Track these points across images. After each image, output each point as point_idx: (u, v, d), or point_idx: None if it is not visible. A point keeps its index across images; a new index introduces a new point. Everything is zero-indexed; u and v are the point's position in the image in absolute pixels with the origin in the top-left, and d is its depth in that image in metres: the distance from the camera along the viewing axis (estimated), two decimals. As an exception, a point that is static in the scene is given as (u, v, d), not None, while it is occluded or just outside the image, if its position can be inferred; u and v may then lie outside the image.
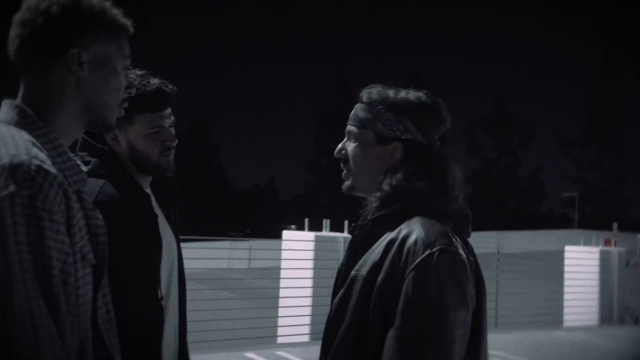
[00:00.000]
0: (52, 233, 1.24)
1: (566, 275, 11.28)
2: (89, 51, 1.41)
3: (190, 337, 2.30)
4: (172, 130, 2.13)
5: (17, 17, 1.41)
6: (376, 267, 1.59)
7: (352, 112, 1.79)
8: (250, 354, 7.07)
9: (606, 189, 59.47)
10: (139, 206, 2.02)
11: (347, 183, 1.79)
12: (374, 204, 1.72)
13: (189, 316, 2.32)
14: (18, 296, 1.18)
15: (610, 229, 13.04)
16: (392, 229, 1.63)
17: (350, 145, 1.77)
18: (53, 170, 1.28)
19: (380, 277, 1.57)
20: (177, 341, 2.17)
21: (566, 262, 11.44)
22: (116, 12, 1.47)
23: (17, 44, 1.40)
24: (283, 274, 8.02)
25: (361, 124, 1.75)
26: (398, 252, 1.57)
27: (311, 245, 7.75)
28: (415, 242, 1.56)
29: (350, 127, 1.78)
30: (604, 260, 11.05)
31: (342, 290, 1.65)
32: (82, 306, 1.33)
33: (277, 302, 8.12)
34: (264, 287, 9.85)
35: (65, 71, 1.40)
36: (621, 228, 13.47)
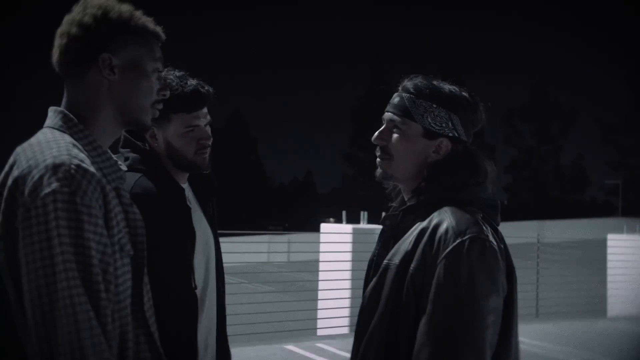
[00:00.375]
0: (91, 226, 1.34)
1: (609, 264, 11.07)
2: (119, 55, 1.52)
3: (231, 330, 2.36)
4: (208, 129, 2.19)
5: (58, 30, 1.54)
6: (408, 256, 1.61)
7: (396, 100, 1.78)
8: (290, 346, 7.15)
9: (650, 176, 58.04)
10: (172, 199, 2.09)
11: (383, 171, 1.79)
12: (408, 195, 1.75)
13: (230, 309, 2.37)
14: (61, 284, 1.29)
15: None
16: (423, 219, 1.66)
17: (393, 135, 1.77)
18: (91, 168, 1.39)
19: (412, 265, 1.59)
20: (216, 333, 2.22)
21: (609, 250, 11.23)
22: (146, 19, 1.57)
23: (58, 54, 1.53)
24: (322, 266, 8.05)
25: (407, 114, 1.75)
26: (429, 240, 1.59)
27: (349, 238, 7.77)
28: (447, 230, 1.58)
29: (392, 116, 1.77)
30: (649, 248, 10.81)
31: (374, 280, 1.68)
32: (121, 294, 1.43)
33: (316, 295, 8.17)
34: (304, 280, 9.91)
35: (98, 75, 1.51)
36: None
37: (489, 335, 1.53)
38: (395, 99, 1.79)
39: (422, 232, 1.62)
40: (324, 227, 8.48)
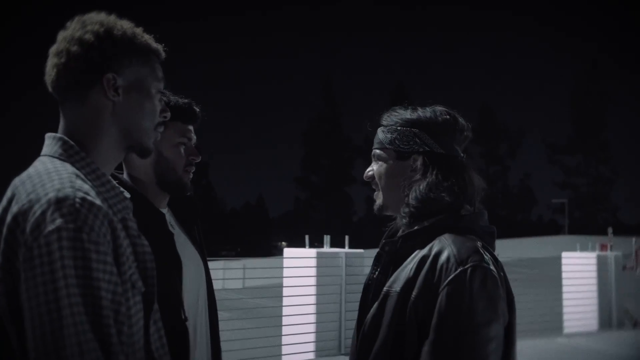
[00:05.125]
0: (100, 264, 1.23)
1: (564, 282, 11.29)
2: (123, 76, 1.42)
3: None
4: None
5: (53, 48, 1.42)
6: (409, 283, 1.61)
7: (375, 136, 1.87)
8: (257, 374, 7.02)
9: (594, 194, 59.85)
10: (152, 225, 2.00)
11: (377, 202, 1.84)
12: (404, 220, 1.75)
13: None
14: (67, 330, 1.18)
15: (601, 233, 13.08)
16: (422, 245, 1.66)
17: (375, 166, 1.85)
18: (98, 201, 1.28)
19: (414, 293, 1.59)
20: None
21: (564, 268, 11.46)
22: (148, 37, 1.49)
23: (54, 74, 1.41)
24: (285, 291, 7.99)
25: (382, 144, 1.82)
26: (431, 268, 1.60)
27: (313, 262, 7.74)
28: (448, 258, 1.58)
29: (374, 151, 1.86)
30: (601, 265, 11.06)
31: (375, 307, 1.67)
32: (135, 334, 1.32)
33: (278, 321, 8.08)
34: (262, 306, 9.80)
35: (101, 97, 1.41)
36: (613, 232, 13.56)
37: None
38: (375, 135, 1.88)
39: (423, 259, 1.62)
40: (287, 251, 8.42)
